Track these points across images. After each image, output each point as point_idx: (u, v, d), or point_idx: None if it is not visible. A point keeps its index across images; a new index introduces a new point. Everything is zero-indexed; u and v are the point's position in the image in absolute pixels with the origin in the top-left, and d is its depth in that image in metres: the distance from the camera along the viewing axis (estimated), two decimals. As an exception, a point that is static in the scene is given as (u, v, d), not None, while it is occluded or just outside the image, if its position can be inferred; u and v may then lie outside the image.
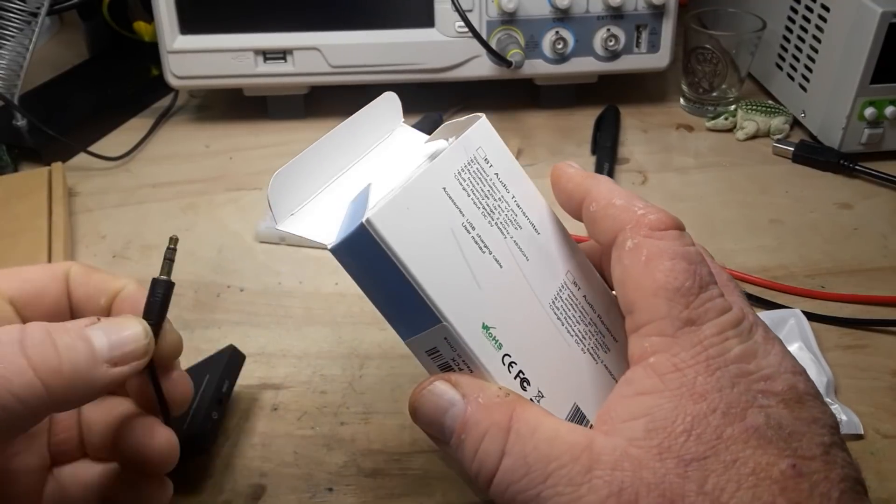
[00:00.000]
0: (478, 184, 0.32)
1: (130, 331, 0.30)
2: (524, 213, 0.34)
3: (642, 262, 0.29)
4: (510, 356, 0.31)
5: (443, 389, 0.30)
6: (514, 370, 0.31)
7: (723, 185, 0.65)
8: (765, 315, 0.50)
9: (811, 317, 0.50)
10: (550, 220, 0.35)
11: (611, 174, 0.65)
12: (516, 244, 0.33)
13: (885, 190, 0.64)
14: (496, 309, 0.31)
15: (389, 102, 0.38)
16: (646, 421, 0.27)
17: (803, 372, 0.29)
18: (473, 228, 0.31)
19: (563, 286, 0.34)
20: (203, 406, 0.42)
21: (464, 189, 0.32)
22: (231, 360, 0.45)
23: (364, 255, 0.29)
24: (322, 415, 0.45)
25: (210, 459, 0.42)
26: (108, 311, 0.34)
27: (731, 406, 0.27)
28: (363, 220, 0.28)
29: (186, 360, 0.48)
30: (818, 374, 0.45)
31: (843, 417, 0.43)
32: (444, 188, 0.31)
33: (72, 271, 0.34)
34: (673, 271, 0.28)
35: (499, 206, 0.33)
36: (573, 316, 0.34)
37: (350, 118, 0.36)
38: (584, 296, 0.35)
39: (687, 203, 0.63)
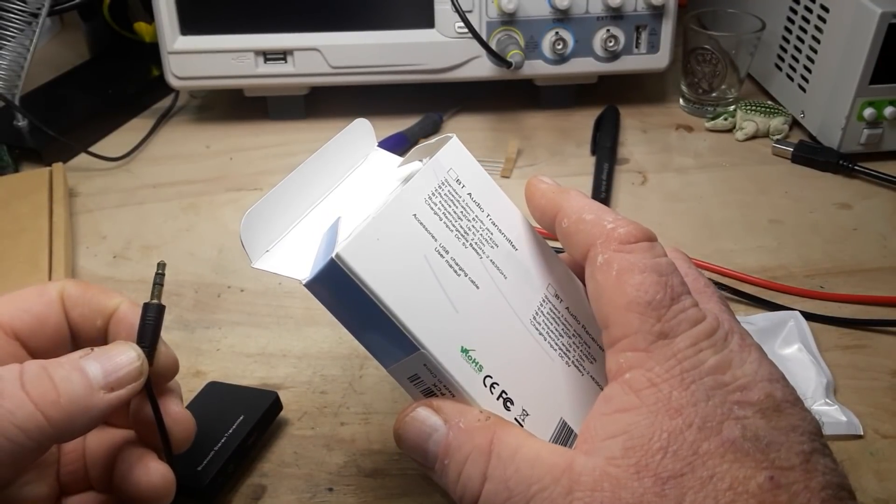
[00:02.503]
0: (450, 206, 0.32)
1: (123, 356, 0.31)
2: (500, 231, 0.34)
3: (613, 277, 0.29)
4: (491, 377, 0.31)
5: (425, 415, 0.31)
6: (497, 391, 0.31)
7: (722, 185, 0.66)
8: (764, 317, 0.50)
9: (811, 317, 0.50)
10: (529, 234, 0.35)
11: (610, 174, 0.65)
12: (493, 263, 0.33)
13: (885, 190, 0.64)
14: (474, 331, 0.31)
15: (361, 128, 0.38)
16: (623, 439, 0.27)
17: (781, 378, 0.29)
18: (447, 252, 0.31)
19: (544, 300, 0.34)
20: (224, 455, 0.40)
21: (435, 213, 0.32)
22: (270, 409, 0.43)
23: (337, 288, 0.29)
24: (322, 415, 0.45)
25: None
26: (105, 332, 0.35)
27: (706, 420, 0.27)
28: (333, 255, 0.28)
29: (189, 362, 0.48)
30: (818, 375, 0.45)
31: (843, 418, 0.43)
32: (415, 215, 0.31)
33: (66, 292, 0.35)
34: (643, 285, 0.28)
35: (473, 226, 0.33)
36: (556, 329, 0.34)
37: (322, 147, 0.36)
38: (567, 308, 0.35)
39: (686, 203, 0.63)
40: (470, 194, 0.34)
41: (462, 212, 0.33)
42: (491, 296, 0.32)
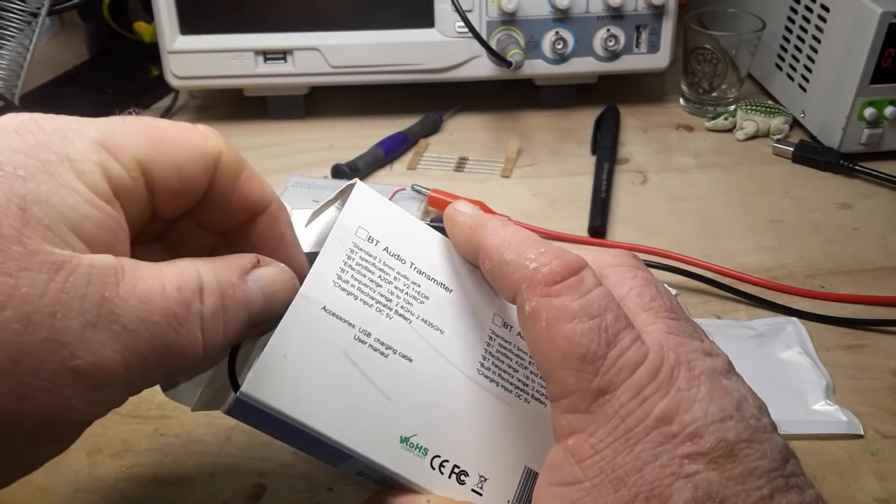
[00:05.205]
0: (365, 276, 0.30)
1: (282, 296, 0.28)
2: (429, 277, 0.31)
3: (543, 330, 0.27)
4: (440, 456, 0.29)
5: None
6: (447, 468, 0.29)
7: (723, 185, 0.65)
8: (763, 322, 0.50)
9: (811, 317, 0.50)
10: (462, 267, 0.32)
11: (610, 174, 0.65)
12: (425, 323, 0.30)
13: (885, 190, 0.64)
14: (413, 413, 0.29)
15: None
16: None
17: (735, 412, 0.26)
18: (369, 335, 0.29)
19: (491, 337, 0.31)
20: None
21: (349, 294, 0.29)
22: None
23: (254, 417, 0.28)
24: (322, 415, 0.45)
25: (210, 459, 0.42)
26: (245, 229, 0.30)
27: (654, 486, 0.25)
28: (237, 393, 0.27)
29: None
30: (817, 377, 0.45)
31: (844, 418, 0.43)
32: (324, 307, 0.28)
33: (222, 165, 0.29)
34: (574, 336, 0.26)
35: (396, 287, 0.30)
36: (509, 366, 0.31)
37: None
38: (519, 333, 0.32)
39: (687, 203, 0.63)
40: (386, 249, 0.31)
41: (381, 276, 0.30)
42: (427, 363, 0.30)
